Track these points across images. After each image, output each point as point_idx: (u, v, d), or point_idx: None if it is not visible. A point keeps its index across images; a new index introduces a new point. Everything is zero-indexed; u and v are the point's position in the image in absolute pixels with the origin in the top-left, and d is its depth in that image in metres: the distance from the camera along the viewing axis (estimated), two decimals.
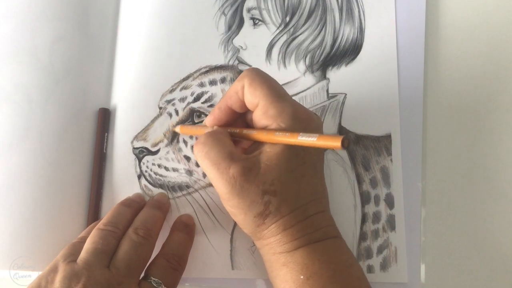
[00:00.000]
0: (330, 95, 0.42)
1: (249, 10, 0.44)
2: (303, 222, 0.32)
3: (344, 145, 0.28)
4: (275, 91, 0.33)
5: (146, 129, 0.42)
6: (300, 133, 0.30)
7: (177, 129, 0.41)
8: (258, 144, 0.33)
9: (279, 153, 0.32)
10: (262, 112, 0.33)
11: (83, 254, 0.33)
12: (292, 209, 0.32)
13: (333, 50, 0.43)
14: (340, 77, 0.42)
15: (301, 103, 0.42)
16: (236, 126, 0.37)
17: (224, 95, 0.36)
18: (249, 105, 0.34)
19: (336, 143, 0.28)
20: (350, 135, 0.41)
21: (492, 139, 0.41)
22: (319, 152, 0.35)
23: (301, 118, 0.32)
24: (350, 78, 0.42)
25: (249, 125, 0.36)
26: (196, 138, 0.41)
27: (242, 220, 0.33)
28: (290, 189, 0.32)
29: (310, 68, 0.43)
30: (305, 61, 0.43)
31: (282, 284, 0.32)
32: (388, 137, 0.41)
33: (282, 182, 0.31)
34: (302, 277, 0.31)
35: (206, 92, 0.43)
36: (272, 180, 0.31)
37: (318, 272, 0.31)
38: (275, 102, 0.33)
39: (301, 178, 0.32)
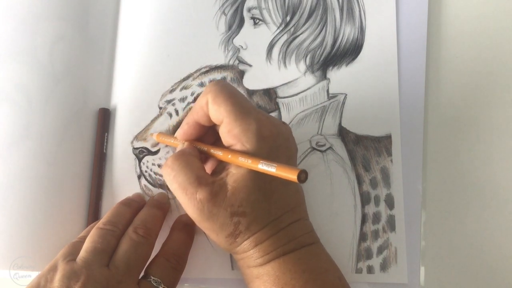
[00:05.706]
0: (330, 95, 0.42)
1: (249, 10, 0.44)
2: (275, 236, 0.32)
3: (300, 178, 0.28)
4: (239, 107, 0.32)
5: (146, 129, 0.42)
6: (261, 161, 0.30)
7: (154, 136, 0.41)
8: (225, 163, 0.33)
9: (245, 174, 0.32)
10: (226, 130, 0.33)
11: (82, 253, 0.34)
12: (263, 225, 0.32)
13: (334, 50, 0.43)
14: (341, 77, 0.42)
15: (301, 103, 0.42)
16: (207, 137, 0.37)
17: (191, 110, 0.35)
18: (215, 120, 0.34)
19: (293, 175, 0.28)
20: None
21: (493, 141, 0.41)
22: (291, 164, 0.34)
23: (266, 136, 0.32)
24: (350, 78, 0.42)
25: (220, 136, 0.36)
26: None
27: (214, 239, 0.33)
28: (259, 207, 0.32)
29: (311, 68, 0.42)
30: (305, 61, 0.43)
31: None
32: (388, 138, 0.40)
33: (251, 202, 0.32)
34: None
35: None
36: (240, 201, 0.31)
37: (290, 282, 0.31)
38: (239, 119, 0.32)
39: (271, 194, 0.32)
